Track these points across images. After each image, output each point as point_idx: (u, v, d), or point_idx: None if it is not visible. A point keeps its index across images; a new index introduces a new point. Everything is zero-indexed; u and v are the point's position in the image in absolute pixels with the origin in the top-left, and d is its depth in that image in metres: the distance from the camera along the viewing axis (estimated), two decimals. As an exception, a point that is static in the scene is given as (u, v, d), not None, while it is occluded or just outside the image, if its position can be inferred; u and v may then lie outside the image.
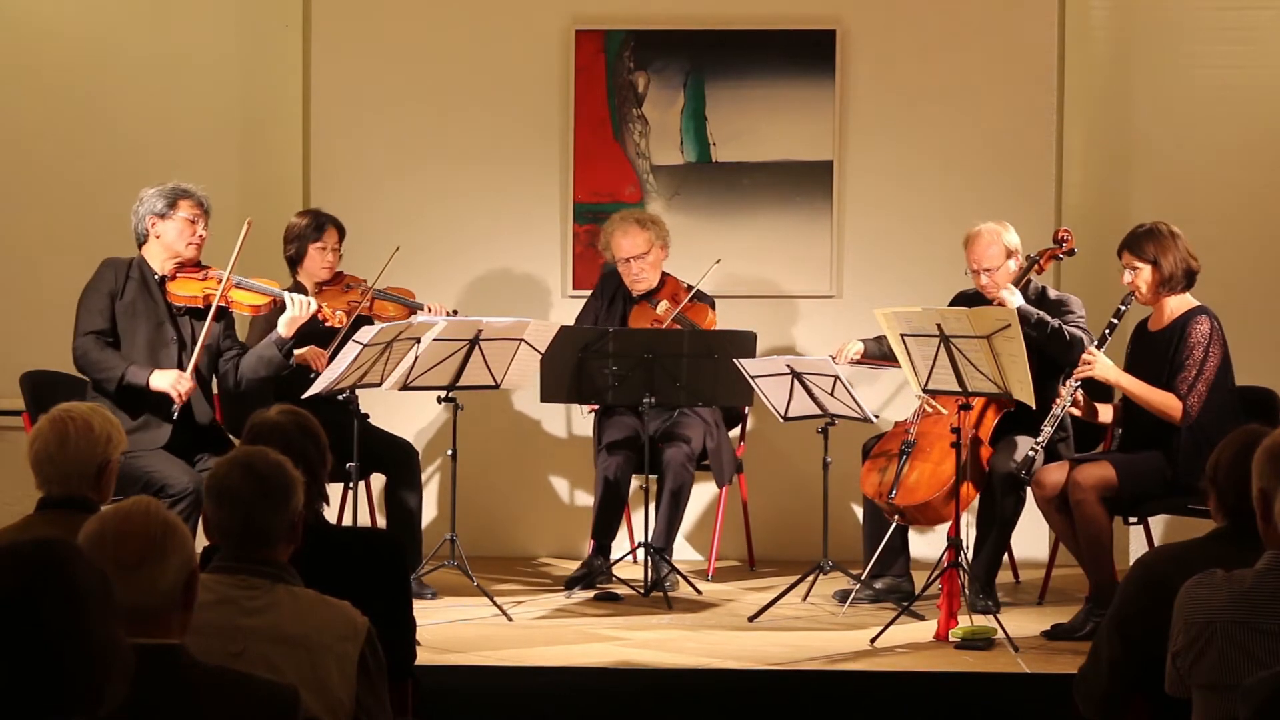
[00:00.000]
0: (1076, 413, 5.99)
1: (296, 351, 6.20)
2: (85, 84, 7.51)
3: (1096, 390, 6.11)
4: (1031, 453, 5.91)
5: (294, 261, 6.58)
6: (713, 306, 6.82)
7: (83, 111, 7.51)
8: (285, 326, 6.08)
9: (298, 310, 6.09)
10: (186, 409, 5.94)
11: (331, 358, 6.17)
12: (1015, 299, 6.14)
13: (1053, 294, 6.37)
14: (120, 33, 7.53)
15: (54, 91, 7.51)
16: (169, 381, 5.87)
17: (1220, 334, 5.86)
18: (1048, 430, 5.90)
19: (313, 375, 6.15)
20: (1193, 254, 5.91)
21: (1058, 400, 5.91)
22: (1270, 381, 6.29)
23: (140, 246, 6.08)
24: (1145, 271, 5.90)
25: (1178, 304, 5.93)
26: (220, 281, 5.99)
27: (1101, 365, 5.90)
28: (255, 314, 6.18)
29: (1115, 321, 5.94)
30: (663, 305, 6.73)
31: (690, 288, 6.78)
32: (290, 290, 6.49)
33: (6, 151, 7.51)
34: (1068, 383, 5.94)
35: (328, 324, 6.22)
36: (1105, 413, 6.09)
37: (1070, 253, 6.37)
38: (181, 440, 5.92)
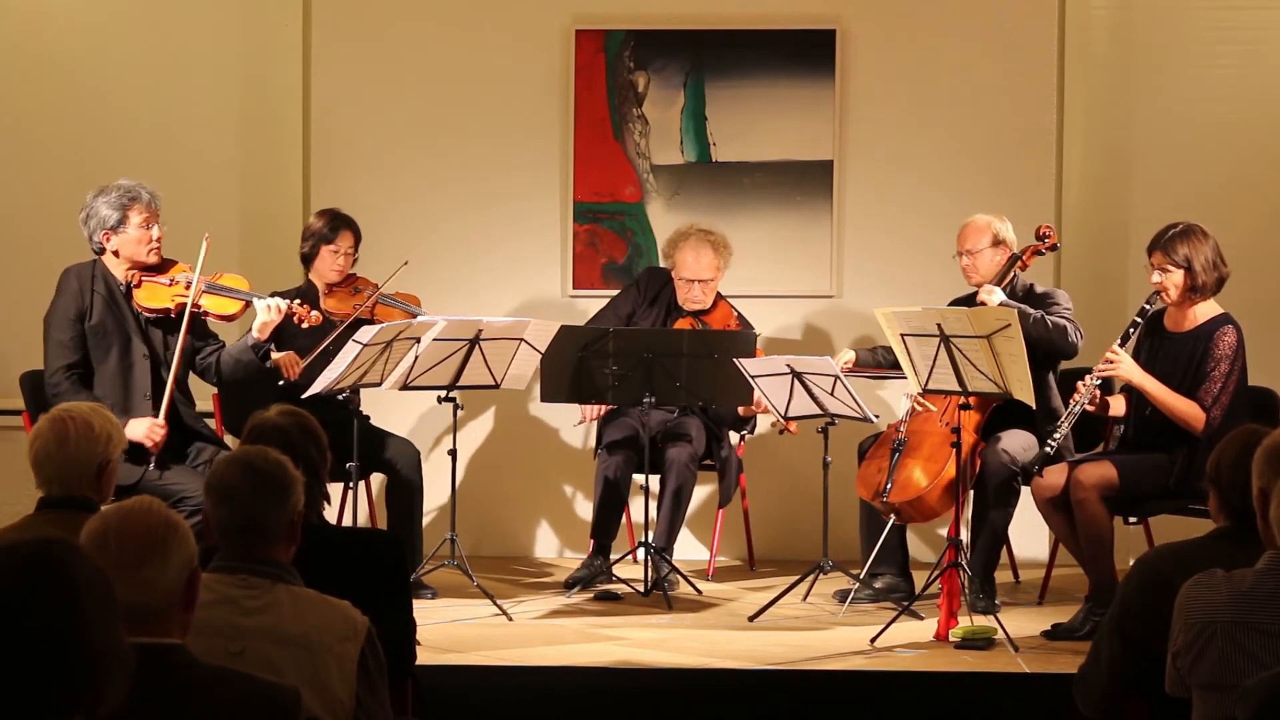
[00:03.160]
0: (1089, 408, 5.96)
1: (274, 355, 6.13)
2: (86, 83, 7.50)
3: (1103, 382, 6.10)
4: (1049, 449, 5.88)
5: (307, 259, 6.57)
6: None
7: (83, 111, 7.50)
8: (259, 330, 6.00)
9: (269, 314, 5.98)
10: (173, 417, 5.90)
11: (311, 364, 6.13)
12: (996, 295, 6.15)
13: (1039, 289, 6.37)
14: (121, 32, 7.53)
15: (54, 91, 7.51)
16: (142, 431, 5.73)
17: (1243, 343, 5.83)
18: (1065, 427, 5.87)
19: (282, 382, 6.07)
20: (1223, 259, 5.84)
21: (1075, 397, 5.88)
22: (1271, 382, 6.29)
23: (98, 254, 6.02)
24: (1176, 275, 5.82)
25: (1204, 309, 5.88)
26: (188, 286, 5.92)
27: (1126, 366, 5.86)
28: (230, 322, 6.09)
29: (1139, 320, 5.88)
30: None
31: (742, 319, 6.79)
32: (301, 289, 6.51)
33: (6, 151, 7.51)
34: (1087, 379, 5.90)
35: (305, 325, 6.17)
36: (1117, 404, 6.08)
37: (1053, 248, 6.37)
38: (175, 439, 5.91)
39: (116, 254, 5.94)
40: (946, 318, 5.71)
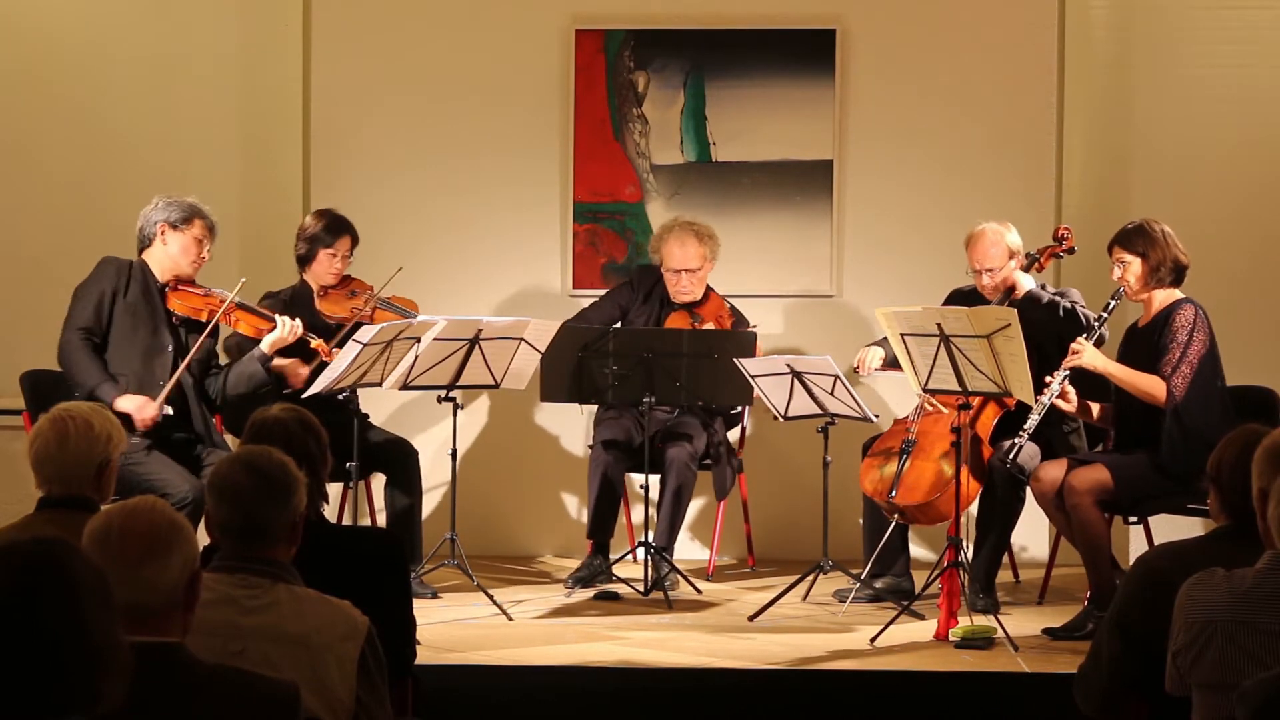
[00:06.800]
0: (1067, 407, 5.98)
1: (275, 362, 6.17)
2: (85, 84, 7.50)
3: (1093, 390, 6.10)
4: (1018, 441, 5.90)
5: (303, 261, 6.57)
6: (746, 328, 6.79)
7: (82, 112, 7.50)
8: (268, 345, 6.08)
9: (284, 332, 6.08)
10: (185, 418, 5.96)
11: (314, 374, 6.14)
12: (1027, 282, 6.16)
13: (1051, 289, 6.36)
14: (120, 33, 7.52)
15: (54, 91, 7.51)
16: (134, 406, 5.85)
17: (1205, 323, 5.87)
18: (1034, 419, 5.89)
19: (286, 390, 6.13)
20: (1182, 250, 5.92)
21: (1045, 390, 5.91)
22: (1270, 381, 6.29)
23: (141, 250, 6.07)
24: (1135, 265, 5.92)
25: (1164, 297, 5.96)
26: (223, 302, 6.01)
27: (1089, 354, 5.91)
28: (258, 335, 6.14)
29: (1105, 315, 5.95)
30: (710, 327, 6.71)
31: (735, 311, 6.80)
32: (296, 289, 6.53)
33: (6, 152, 7.51)
34: (1055, 373, 5.93)
35: (322, 356, 6.20)
36: (1095, 411, 6.09)
37: (1070, 250, 6.37)
38: (180, 441, 5.94)
39: (165, 245, 6.02)
40: (946, 317, 5.71)
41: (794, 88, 7.42)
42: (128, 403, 5.86)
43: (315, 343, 6.19)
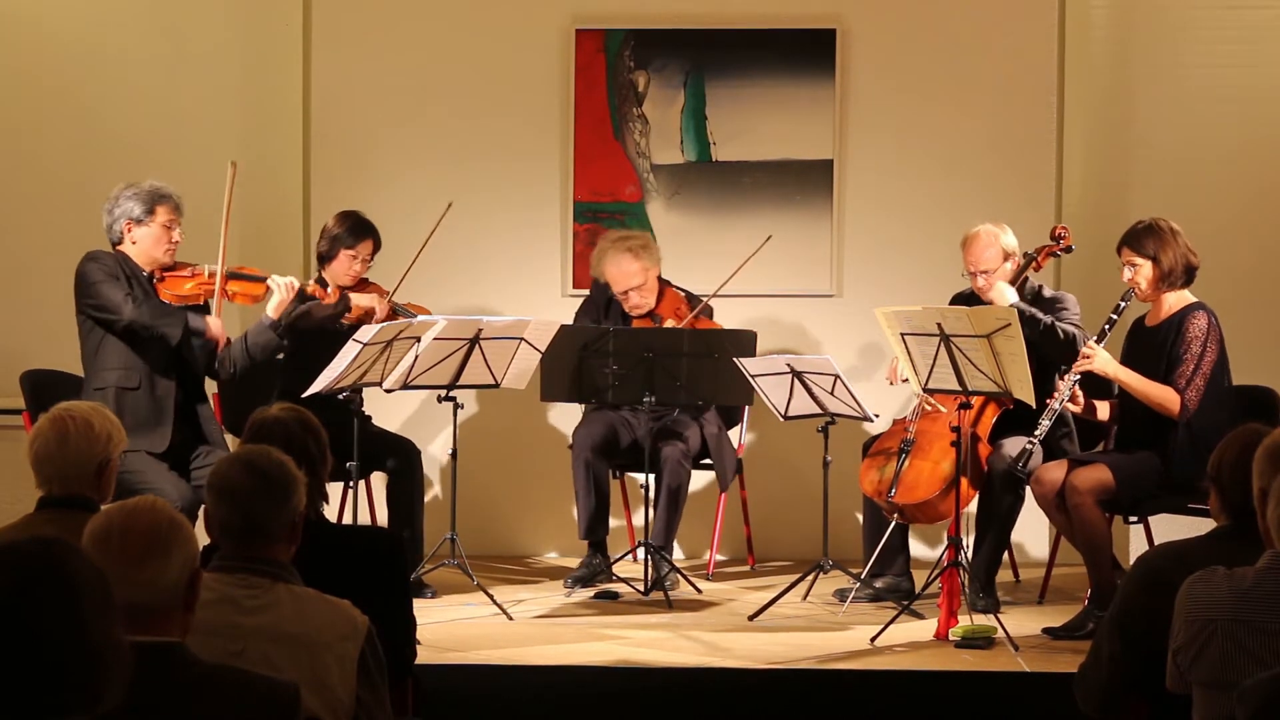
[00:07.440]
0: (1075, 409, 5.98)
1: (355, 303, 6.36)
2: (84, 83, 7.50)
3: (1097, 388, 6.11)
4: (1029, 446, 5.91)
5: (323, 259, 6.58)
6: (711, 315, 6.80)
7: (82, 111, 7.50)
8: (274, 310, 6.12)
9: (282, 293, 6.13)
10: (196, 428, 5.99)
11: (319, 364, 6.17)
12: (1009, 296, 6.14)
13: (1048, 292, 6.37)
14: (120, 32, 7.52)
15: (53, 91, 7.51)
16: (218, 327, 6.04)
17: (1218, 330, 5.86)
18: (1045, 424, 5.90)
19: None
20: (1192, 250, 5.92)
21: (1055, 395, 5.91)
22: (1270, 381, 6.29)
23: (114, 245, 6.06)
24: (1145, 268, 5.91)
25: (1175, 300, 5.94)
26: (213, 276, 6.01)
27: (1100, 359, 5.91)
28: (256, 304, 6.18)
29: (1114, 317, 5.95)
30: (670, 324, 6.71)
31: (690, 298, 6.79)
32: (319, 282, 6.55)
33: (6, 151, 7.50)
34: (1066, 377, 5.93)
35: (325, 302, 6.27)
36: (1104, 410, 6.09)
37: (1068, 249, 6.37)
38: (184, 439, 5.95)
39: (134, 243, 6.01)
40: (946, 317, 5.71)
41: (794, 87, 7.42)
42: (215, 324, 6.03)
43: (312, 287, 6.24)
